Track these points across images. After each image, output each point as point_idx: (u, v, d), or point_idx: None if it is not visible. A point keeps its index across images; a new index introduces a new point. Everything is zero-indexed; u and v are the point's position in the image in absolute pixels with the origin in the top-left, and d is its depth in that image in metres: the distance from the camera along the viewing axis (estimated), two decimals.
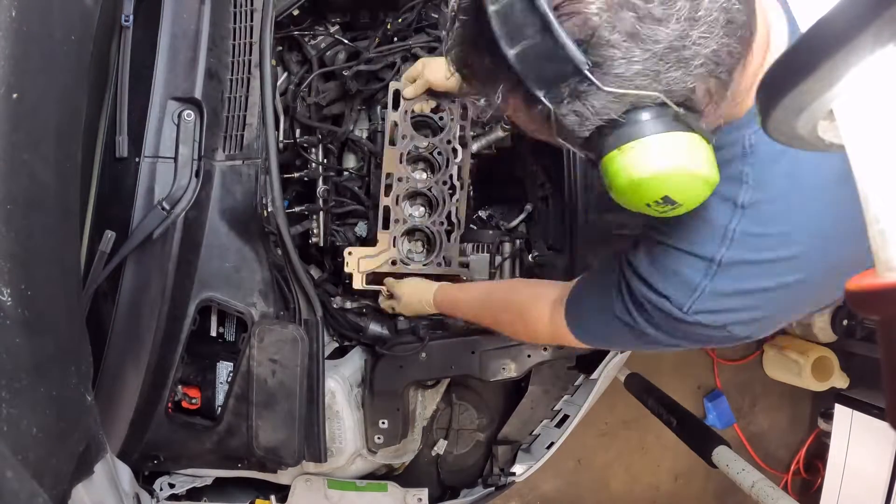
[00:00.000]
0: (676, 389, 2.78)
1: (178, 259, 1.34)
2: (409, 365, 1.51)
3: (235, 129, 1.41)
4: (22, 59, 0.86)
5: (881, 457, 2.18)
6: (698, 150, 0.75)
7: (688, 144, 0.74)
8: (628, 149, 0.73)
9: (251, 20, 1.41)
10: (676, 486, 2.92)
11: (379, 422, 1.54)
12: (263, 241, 1.42)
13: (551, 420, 1.78)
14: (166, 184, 1.35)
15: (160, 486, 1.56)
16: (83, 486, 1.07)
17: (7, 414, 0.78)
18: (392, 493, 1.64)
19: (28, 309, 0.86)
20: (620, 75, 0.66)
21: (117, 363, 1.37)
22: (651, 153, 0.73)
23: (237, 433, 1.42)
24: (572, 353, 1.62)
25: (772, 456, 2.95)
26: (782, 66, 0.43)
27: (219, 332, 1.50)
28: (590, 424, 2.80)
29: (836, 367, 2.56)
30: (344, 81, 1.57)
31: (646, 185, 0.75)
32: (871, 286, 0.39)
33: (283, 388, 1.39)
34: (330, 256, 1.68)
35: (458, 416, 1.89)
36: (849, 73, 0.38)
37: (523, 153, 1.73)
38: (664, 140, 0.73)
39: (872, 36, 0.36)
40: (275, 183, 1.36)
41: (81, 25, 1.05)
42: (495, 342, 1.53)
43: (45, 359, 0.90)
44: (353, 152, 1.67)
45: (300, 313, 1.44)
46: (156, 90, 1.36)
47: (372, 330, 1.56)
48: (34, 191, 0.91)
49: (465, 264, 1.57)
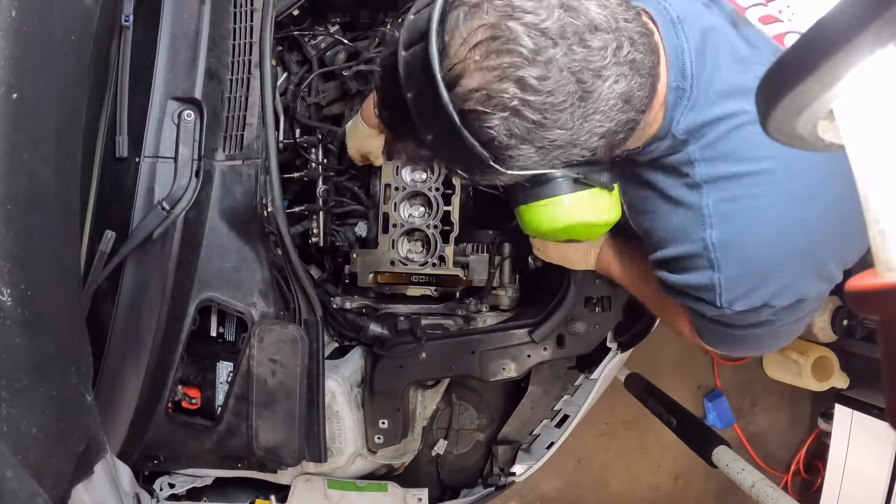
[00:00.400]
0: (676, 389, 2.78)
1: (178, 259, 1.34)
2: (409, 365, 1.52)
3: (235, 129, 1.41)
4: (22, 59, 0.86)
5: (881, 457, 2.18)
6: (598, 201, 0.91)
7: (589, 200, 0.90)
8: (535, 206, 0.91)
9: (251, 20, 1.41)
10: (676, 486, 2.92)
11: (379, 422, 1.54)
12: (263, 241, 1.42)
13: (551, 420, 1.78)
14: (166, 184, 1.35)
15: (160, 486, 1.55)
16: (83, 486, 1.07)
17: (7, 414, 0.78)
18: (392, 493, 1.64)
19: (28, 309, 0.86)
20: (520, 164, 0.75)
21: (117, 363, 1.37)
22: (554, 212, 0.90)
23: (237, 433, 1.42)
24: (572, 353, 1.62)
25: (772, 456, 2.95)
26: (782, 66, 0.43)
27: (219, 332, 1.50)
28: (590, 424, 2.80)
29: (836, 367, 2.56)
30: (344, 81, 1.57)
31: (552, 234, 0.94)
32: (871, 286, 0.39)
33: (283, 388, 1.39)
34: (330, 256, 1.68)
35: (458, 416, 1.89)
36: (849, 73, 0.38)
37: None
38: (566, 200, 0.90)
39: (872, 36, 0.36)
40: (275, 183, 1.36)
41: (81, 25, 1.05)
42: (495, 342, 1.53)
43: (45, 359, 0.90)
44: None
45: (300, 313, 1.44)
46: (156, 90, 1.36)
47: (372, 330, 1.56)
48: (34, 191, 0.91)
49: (465, 264, 1.58)
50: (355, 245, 1.62)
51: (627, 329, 1.60)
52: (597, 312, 1.51)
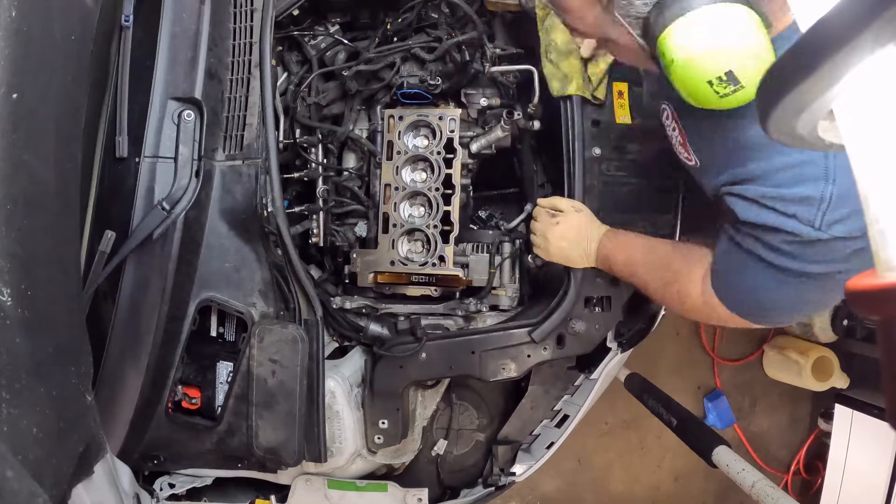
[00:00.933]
0: (676, 389, 2.79)
1: (178, 259, 1.34)
2: (409, 365, 1.51)
3: (235, 129, 1.41)
4: (22, 59, 0.86)
5: (881, 457, 2.18)
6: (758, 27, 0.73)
7: (747, 19, 0.72)
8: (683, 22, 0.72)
9: (251, 20, 1.41)
10: (676, 486, 2.92)
11: (379, 422, 1.54)
12: (263, 241, 1.42)
13: (551, 420, 1.78)
14: (166, 184, 1.35)
15: (160, 486, 1.55)
16: (83, 486, 1.07)
17: (7, 414, 0.78)
18: (392, 493, 1.64)
19: (28, 309, 0.86)
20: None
21: (117, 363, 1.37)
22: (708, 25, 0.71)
23: (237, 433, 1.43)
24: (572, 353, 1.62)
25: (772, 456, 2.95)
26: (782, 66, 0.43)
27: (219, 332, 1.50)
28: (590, 424, 2.80)
29: (836, 367, 2.56)
30: (344, 81, 1.57)
31: (704, 60, 0.72)
32: (871, 286, 0.39)
33: (283, 388, 1.39)
34: (330, 256, 1.68)
35: (458, 416, 1.89)
36: (849, 73, 0.38)
37: (523, 153, 1.73)
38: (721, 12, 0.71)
39: (872, 36, 0.36)
40: (275, 183, 1.36)
41: (81, 25, 1.05)
42: (495, 342, 1.53)
43: (45, 359, 0.90)
44: (353, 152, 1.67)
45: (300, 313, 1.44)
46: (156, 90, 1.36)
47: (372, 330, 1.56)
48: (34, 191, 0.91)
49: (465, 264, 1.58)
50: (355, 245, 1.62)
51: (627, 329, 1.60)
52: (597, 312, 1.51)
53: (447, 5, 1.56)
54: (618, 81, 1.49)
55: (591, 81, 1.44)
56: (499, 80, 1.61)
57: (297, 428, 1.39)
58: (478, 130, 1.63)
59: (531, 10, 1.52)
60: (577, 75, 1.42)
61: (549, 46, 1.45)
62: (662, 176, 1.48)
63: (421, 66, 1.59)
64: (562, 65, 1.44)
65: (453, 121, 1.53)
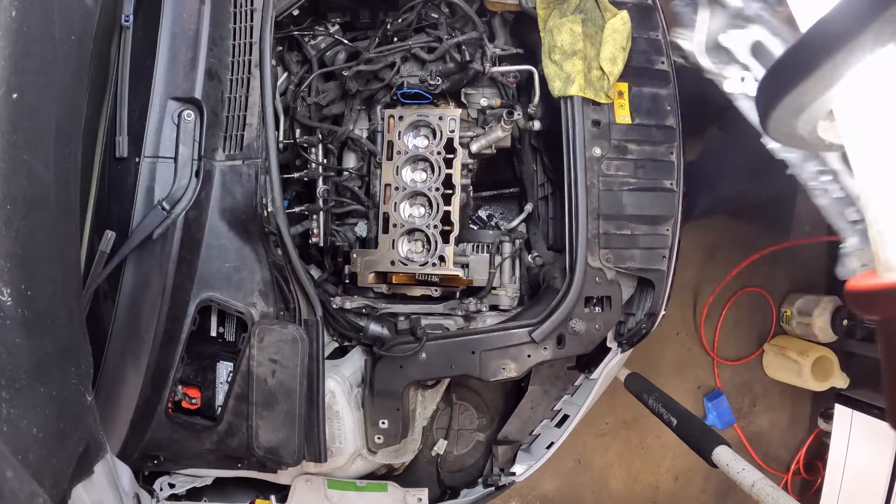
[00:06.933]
0: (676, 389, 2.79)
1: (178, 259, 1.34)
2: (409, 365, 1.51)
3: (235, 129, 1.41)
4: (22, 59, 0.86)
5: (881, 457, 2.18)
6: None
7: None
8: None
9: (251, 20, 1.41)
10: (676, 486, 2.92)
11: (379, 422, 1.54)
12: (263, 241, 1.42)
13: (551, 420, 1.78)
14: (166, 184, 1.35)
15: (160, 486, 1.55)
16: (83, 486, 1.07)
17: (7, 414, 0.78)
18: (392, 493, 1.64)
19: (28, 309, 0.86)
20: None
21: (117, 363, 1.37)
22: None
23: (237, 433, 1.42)
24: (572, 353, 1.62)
25: (772, 456, 2.95)
26: (782, 66, 0.43)
27: (219, 332, 1.50)
28: (590, 424, 2.80)
29: (836, 367, 2.56)
30: (344, 81, 1.57)
31: None
32: (871, 286, 0.39)
33: (283, 388, 1.39)
34: (330, 256, 1.68)
35: (458, 416, 1.89)
36: (849, 73, 0.38)
37: (523, 153, 1.73)
38: None
39: (872, 36, 0.36)
40: (275, 183, 1.36)
41: (81, 25, 1.05)
42: (495, 342, 1.53)
43: (45, 359, 0.90)
44: (353, 152, 1.67)
45: (300, 313, 1.44)
46: (156, 90, 1.36)
47: (372, 330, 1.56)
48: (34, 191, 0.91)
49: (465, 264, 1.58)
50: (355, 245, 1.62)
51: (627, 329, 1.60)
52: (597, 312, 1.51)
53: (447, 5, 1.56)
54: (618, 81, 1.49)
55: (608, 80, 1.44)
56: (499, 80, 1.61)
57: (297, 428, 1.39)
58: (478, 130, 1.63)
59: (531, 10, 1.52)
60: (579, 76, 1.42)
61: (552, 47, 1.45)
62: (662, 176, 1.48)
63: (421, 66, 1.59)
64: (565, 65, 1.44)
65: (453, 121, 1.53)
